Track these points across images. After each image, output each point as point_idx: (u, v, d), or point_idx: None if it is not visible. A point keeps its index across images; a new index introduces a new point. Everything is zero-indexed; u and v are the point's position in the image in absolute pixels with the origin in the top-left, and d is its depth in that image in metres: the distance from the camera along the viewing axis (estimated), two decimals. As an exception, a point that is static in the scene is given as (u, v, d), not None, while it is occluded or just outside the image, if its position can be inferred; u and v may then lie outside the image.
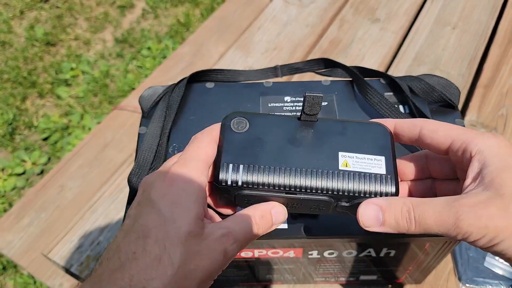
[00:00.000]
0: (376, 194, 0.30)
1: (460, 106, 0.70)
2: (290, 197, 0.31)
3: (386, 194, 0.30)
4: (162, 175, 0.29)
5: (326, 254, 0.43)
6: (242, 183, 0.31)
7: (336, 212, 0.32)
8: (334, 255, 0.43)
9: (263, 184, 0.31)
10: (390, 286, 0.53)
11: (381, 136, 0.33)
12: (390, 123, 0.33)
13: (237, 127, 0.33)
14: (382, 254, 0.43)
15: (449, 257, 0.55)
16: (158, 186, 0.28)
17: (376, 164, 0.31)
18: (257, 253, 0.42)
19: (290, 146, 0.32)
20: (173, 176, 0.28)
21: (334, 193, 0.31)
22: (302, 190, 0.31)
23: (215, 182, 0.31)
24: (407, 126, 0.32)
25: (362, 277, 0.49)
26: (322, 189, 0.30)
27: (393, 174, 0.31)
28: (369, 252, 0.42)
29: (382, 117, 0.41)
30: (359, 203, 0.30)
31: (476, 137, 0.28)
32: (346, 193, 0.30)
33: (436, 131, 0.30)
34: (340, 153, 0.32)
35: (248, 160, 0.31)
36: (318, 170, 0.31)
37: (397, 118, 0.40)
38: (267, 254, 0.43)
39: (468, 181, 0.27)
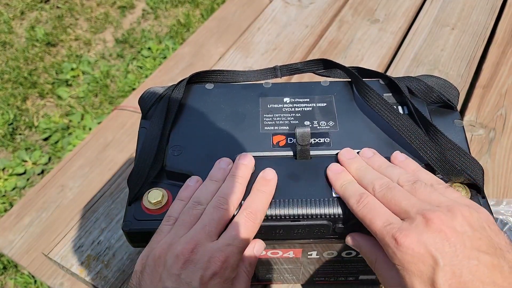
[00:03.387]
0: None
1: (459, 107, 0.70)
2: (295, 224, 0.36)
3: None
4: (203, 264, 0.31)
5: (325, 254, 0.43)
6: None
7: (335, 234, 0.37)
8: (334, 255, 0.43)
9: (272, 216, 0.35)
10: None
11: None
12: None
13: None
14: (380, 254, 0.43)
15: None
16: (199, 278, 0.31)
17: None
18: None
19: (291, 181, 0.37)
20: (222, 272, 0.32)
21: (331, 217, 0.35)
22: (305, 217, 0.35)
23: None
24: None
25: (362, 277, 0.50)
26: (321, 215, 0.35)
27: None
28: (368, 252, 0.43)
29: (382, 117, 0.41)
30: (352, 224, 0.35)
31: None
32: (341, 216, 0.35)
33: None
34: None
35: None
36: (316, 199, 0.36)
37: (395, 119, 0.40)
38: (267, 255, 0.43)
39: None
